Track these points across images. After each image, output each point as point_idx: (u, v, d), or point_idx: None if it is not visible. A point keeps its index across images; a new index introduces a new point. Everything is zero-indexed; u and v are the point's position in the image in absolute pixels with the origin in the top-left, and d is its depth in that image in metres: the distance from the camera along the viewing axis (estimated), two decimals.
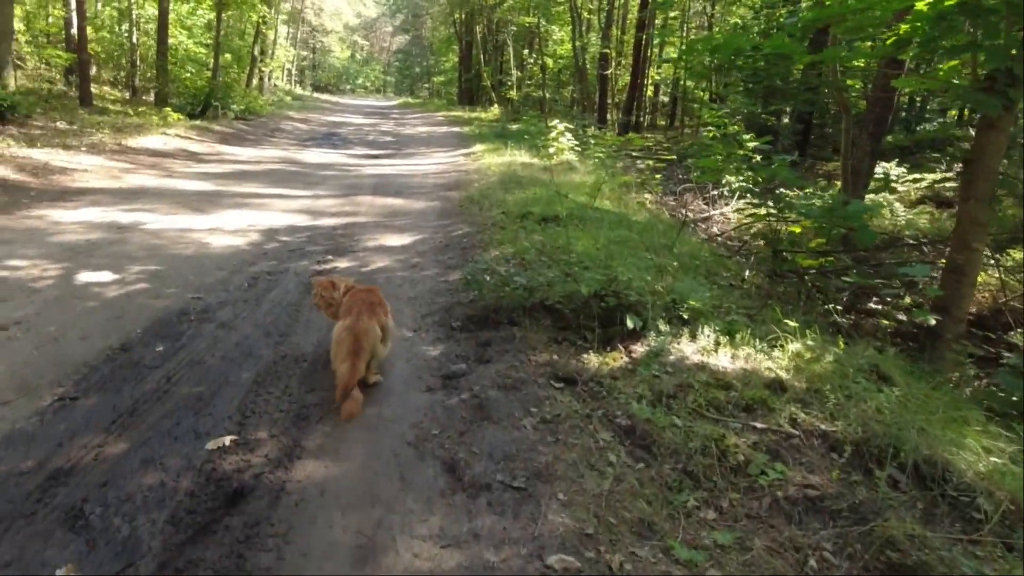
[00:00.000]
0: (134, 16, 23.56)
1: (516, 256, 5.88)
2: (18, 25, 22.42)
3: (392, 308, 4.17)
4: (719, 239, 9.67)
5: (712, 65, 12.50)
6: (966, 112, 15.94)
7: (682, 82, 31.69)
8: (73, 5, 19.19)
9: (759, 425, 3.28)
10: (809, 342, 4.13)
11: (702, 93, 32.26)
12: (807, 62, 7.94)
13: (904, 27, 4.83)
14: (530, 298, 4.65)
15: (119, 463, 3.06)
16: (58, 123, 14.51)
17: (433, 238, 7.20)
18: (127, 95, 23.96)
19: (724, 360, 4.03)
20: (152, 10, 23.39)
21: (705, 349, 4.12)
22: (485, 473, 3.00)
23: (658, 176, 12.14)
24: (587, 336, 4.30)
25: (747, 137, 11.22)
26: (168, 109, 18.31)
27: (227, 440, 3.27)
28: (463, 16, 40.20)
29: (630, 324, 4.11)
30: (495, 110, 31.04)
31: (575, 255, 5.66)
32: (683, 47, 20.70)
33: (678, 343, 4.16)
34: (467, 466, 3.06)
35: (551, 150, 14.29)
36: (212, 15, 24.83)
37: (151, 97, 22.09)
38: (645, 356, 4.03)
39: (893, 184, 11.49)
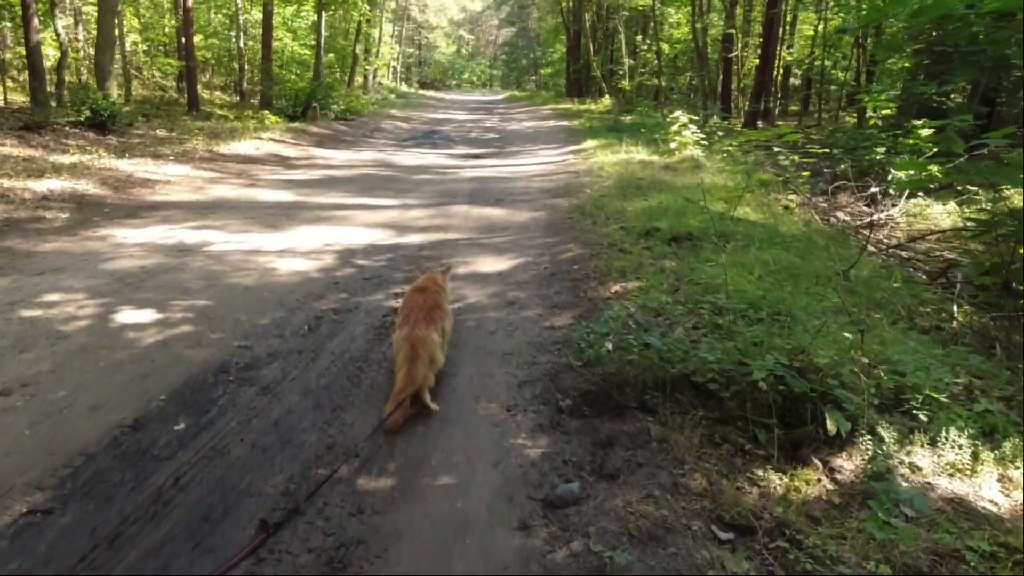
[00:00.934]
0: (241, 21, 24.01)
1: (643, 296, 4.57)
2: (135, 36, 23.37)
3: (480, 368, 3.77)
4: (891, 251, 7.87)
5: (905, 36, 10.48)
6: None
7: (819, 62, 28.91)
8: (182, 15, 19.67)
9: None
10: None
11: (841, 74, 29.35)
12: None
13: None
14: (669, 369, 3.34)
15: None
16: (158, 131, 14.59)
17: (536, 263, 6.01)
18: (236, 99, 24.54)
19: (993, 490, 2.58)
20: (259, 15, 23.76)
21: (956, 468, 2.68)
22: None
23: (805, 173, 10.35)
24: (759, 436, 2.94)
25: (918, 124, 9.29)
26: (266, 112, 18.26)
27: None
28: (571, 4, 38.95)
29: (833, 427, 2.73)
30: (606, 101, 29.55)
31: (724, 295, 4.28)
32: (858, 12, 18.51)
33: (908, 454, 2.74)
34: None
35: (672, 145, 12.77)
36: (315, 16, 24.94)
37: (258, 100, 22.40)
38: (859, 478, 2.64)
39: None
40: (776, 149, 10.57)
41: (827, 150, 11.27)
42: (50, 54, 17.27)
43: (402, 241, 6.89)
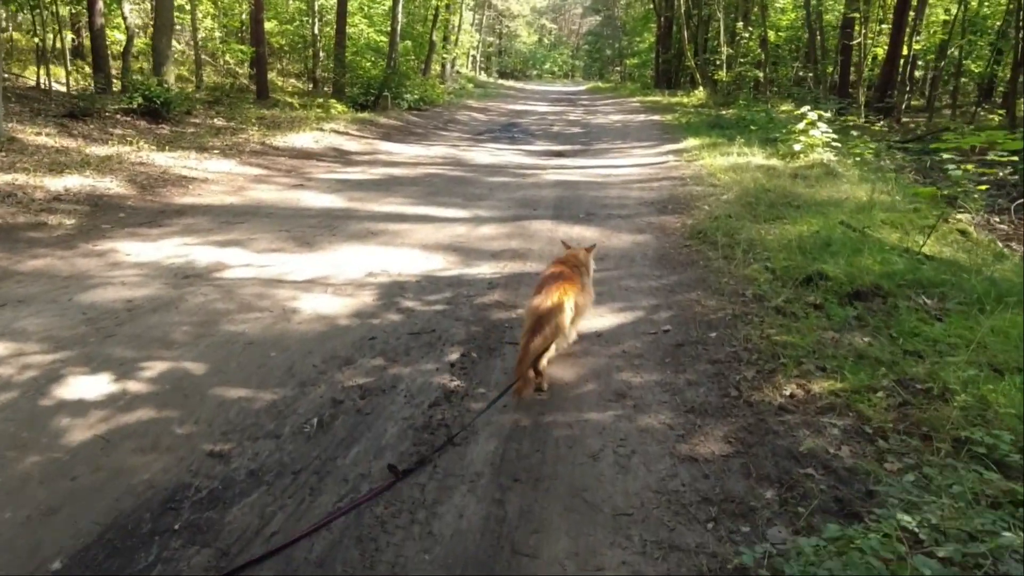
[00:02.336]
0: (316, 7, 23.13)
1: (851, 416, 2.83)
2: (209, 23, 22.81)
3: (577, 541, 2.35)
4: None
5: None
6: None
7: (952, 51, 25.67)
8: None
9: None
10: None
11: (974, 65, 26.09)
12: None
13: None
14: None
15: None
16: (215, 119, 13.60)
17: (651, 320, 4.30)
18: (309, 87, 23.71)
19: None
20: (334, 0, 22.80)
21: None
22: None
23: (983, 187, 8.19)
24: None
25: None
26: (332, 101, 17.14)
27: None
28: None
29: None
30: (699, 94, 27.23)
31: (993, 417, 2.50)
32: None
33: None
34: None
35: (796, 147, 10.73)
36: (390, 1, 23.79)
37: (330, 88, 21.43)
38: None
39: None
40: (946, 155, 8.46)
41: (1015, 159, 9.03)
42: (120, 39, 16.71)
43: (467, 273, 5.31)
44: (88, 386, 3.43)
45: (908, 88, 24.75)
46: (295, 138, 12.30)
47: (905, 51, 21.82)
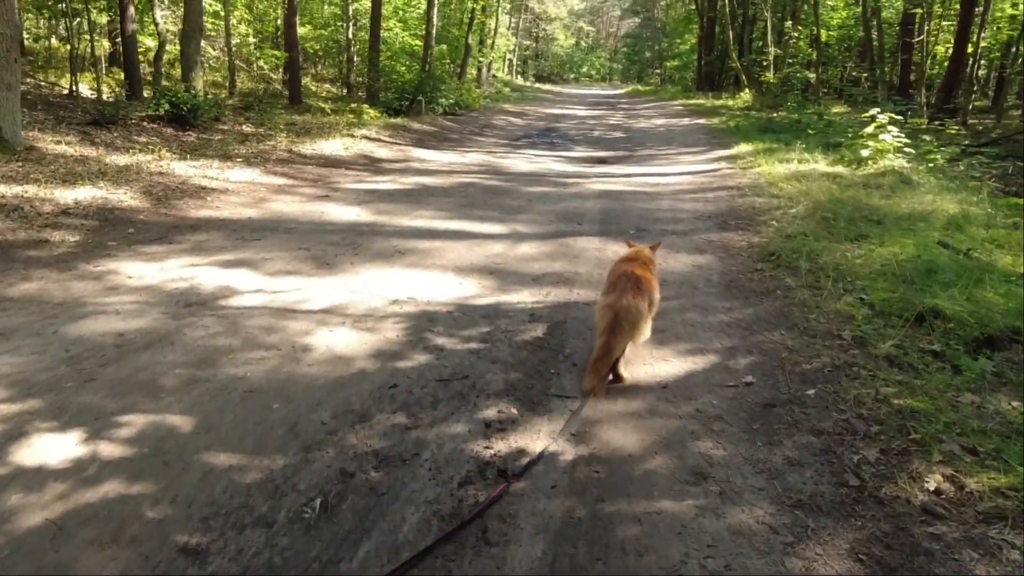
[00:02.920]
0: (350, 12, 22.83)
1: None
2: (244, 28, 22.66)
3: None
4: None
5: None
6: None
7: (1015, 49, 24.22)
8: (287, 3, 18.55)
9: None
10: None
11: None
12: None
13: None
14: None
15: None
16: (244, 126, 13.23)
17: (728, 368, 3.59)
18: (343, 92, 23.41)
19: None
20: (369, 3, 22.47)
21: None
22: None
23: None
24: None
25: None
26: (364, 106, 16.69)
27: None
28: None
29: None
30: (745, 96, 26.22)
31: None
32: None
33: None
34: None
35: (864, 152, 9.87)
36: (425, 4, 23.38)
37: (365, 93, 21.07)
38: None
39: None
40: None
41: None
42: (154, 46, 16.54)
43: (505, 301, 4.67)
44: (53, 448, 2.87)
45: (974, 88, 23.42)
46: (324, 145, 11.82)
47: (971, 49, 20.59)
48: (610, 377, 3.37)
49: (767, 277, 4.87)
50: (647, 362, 3.68)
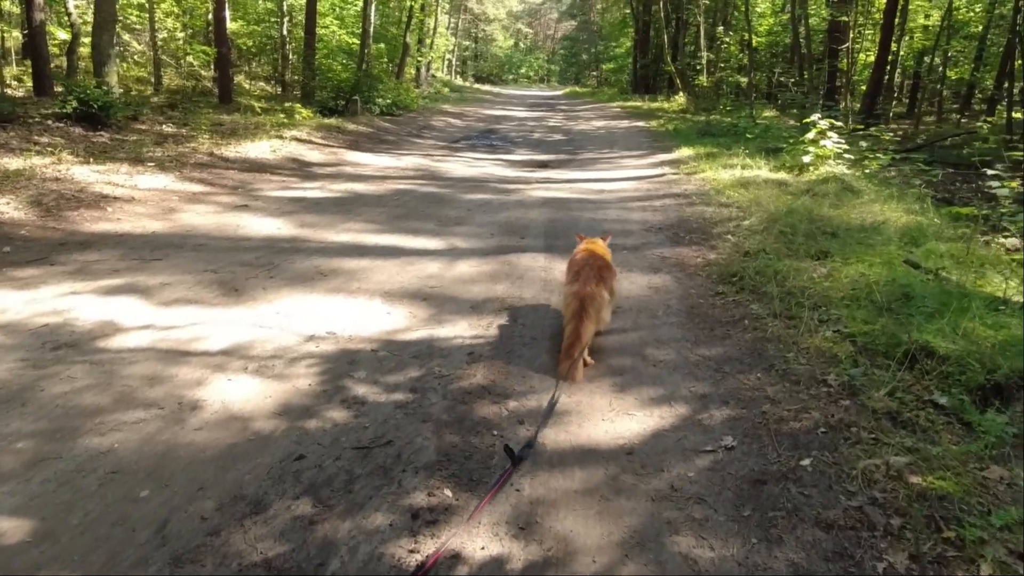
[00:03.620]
0: (285, 7, 21.59)
1: None
2: (172, 22, 21.14)
3: None
4: None
5: None
6: None
7: (929, 59, 24.79)
8: None
9: None
10: None
11: (951, 72, 25.29)
12: None
13: None
14: None
15: None
16: (164, 126, 12.06)
17: (703, 429, 2.94)
18: (278, 90, 22.14)
19: None
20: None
21: None
22: None
23: None
24: None
25: None
26: (296, 105, 15.63)
27: None
28: None
29: None
30: (680, 99, 26.09)
31: None
32: None
33: None
34: None
35: (806, 159, 9.53)
36: (362, 1, 22.31)
37: (301, 92, 19.90)
38: None
39: None
40: (989, 171, 7.31)
41: None
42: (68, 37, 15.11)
43: (439, 336, 3.96)
44: None
45: (894, 94, 23.83)
46: (250, 147, 10.81)
47: (897, 56, 20.85)
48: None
49: (731, 303, 4.31)
50: (607, 416, 3.05)
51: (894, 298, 3.88)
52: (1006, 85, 20.04)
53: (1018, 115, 18.08)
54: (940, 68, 24.16)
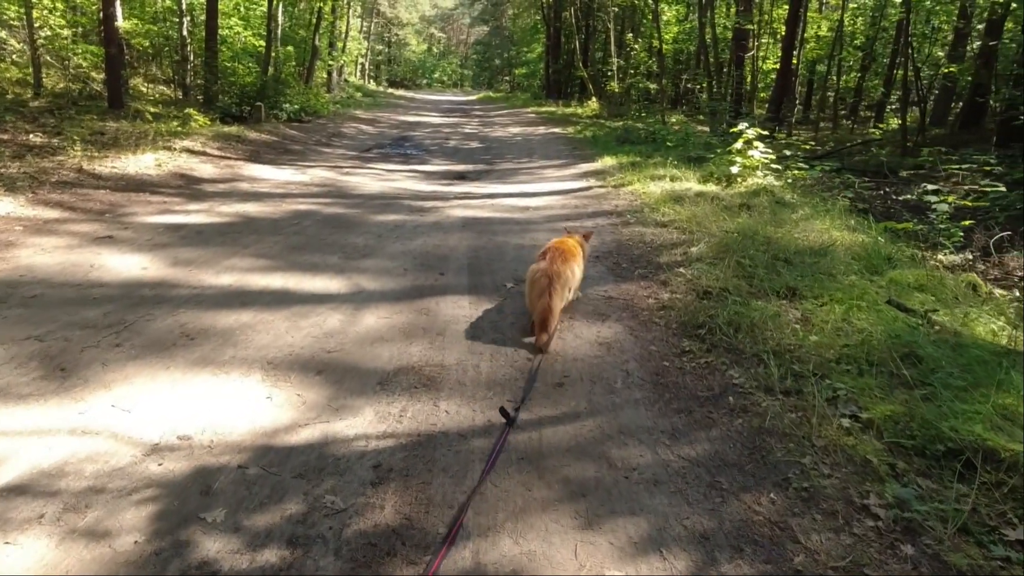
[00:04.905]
0: (184, 5, 19.47)
1: None
2: (58, 20, 18.65)
3: None
4: None
5: None
6: None
7: (821, 66, 25.23)
8: None
9: None
10: None
11: (836, 79, 25.87)
12: None
13: None
14: None
15: None
16: (31, 135, 10.21)
17: None
18: (179, 94, 19.97)
19: None
20: None
21: None
22: None
23: (967, 222, 6.52)
24: None
25: None
26: (193, 112, 13.88)
27: None
28: (551, 0, 34.77)
29: None
30: (593, 104, 25.58)
31: None
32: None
33: None
34: None
35: (734, 169, 8.90)
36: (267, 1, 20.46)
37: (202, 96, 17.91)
38: None
39: None
40: (930, 186, 6.80)
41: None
42: None
43: (335, 433, 2.84)
44: None
45: (796, 101, 24.08)
46: (131, 161, 9.18)
47: (798, 64, 20.94)
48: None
49: (703, 367, 3.38)
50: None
51: (899, 355, 3.06)
52: (896, 93, 20.58)
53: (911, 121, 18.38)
54: (832, 76, 24.62)
